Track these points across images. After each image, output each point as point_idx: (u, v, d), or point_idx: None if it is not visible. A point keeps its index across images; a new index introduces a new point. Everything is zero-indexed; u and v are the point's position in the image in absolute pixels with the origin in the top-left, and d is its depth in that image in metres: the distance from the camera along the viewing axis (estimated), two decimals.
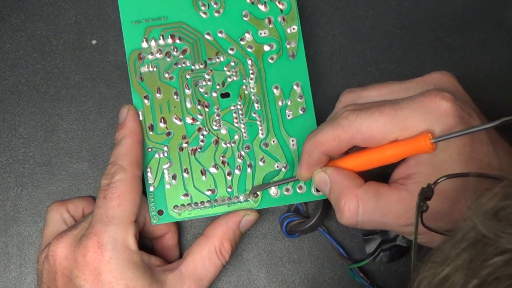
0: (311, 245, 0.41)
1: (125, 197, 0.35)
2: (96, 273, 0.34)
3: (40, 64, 0.41)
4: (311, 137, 0.34)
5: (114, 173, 0.36)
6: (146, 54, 0.38)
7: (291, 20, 0.38)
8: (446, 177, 0.28)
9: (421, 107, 0.32)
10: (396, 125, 0.32)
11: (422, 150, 0.31)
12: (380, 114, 0.32)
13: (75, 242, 0.35)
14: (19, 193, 0.41)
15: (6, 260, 0.40)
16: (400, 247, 0.39)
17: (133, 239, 0.35)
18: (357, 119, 0.32)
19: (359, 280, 0.40)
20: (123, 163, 0.36)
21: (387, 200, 0.32)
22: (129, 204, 0.35)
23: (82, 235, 0.35)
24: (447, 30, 0.42)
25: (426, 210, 0.27)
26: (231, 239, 0.37)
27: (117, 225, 0.35)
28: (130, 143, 0.37)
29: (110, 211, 0.35)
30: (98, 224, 0.35)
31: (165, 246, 0.39)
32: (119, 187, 0.35)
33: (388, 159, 0.33)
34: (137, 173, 0.36)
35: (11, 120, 0.41)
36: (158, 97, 0.38)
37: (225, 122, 0.38)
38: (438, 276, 0.21)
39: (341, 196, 0.33)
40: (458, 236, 0.21)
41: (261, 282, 0.41)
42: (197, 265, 0.37)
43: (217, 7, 0.38)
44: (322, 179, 0.35)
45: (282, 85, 0.38)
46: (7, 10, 0.41)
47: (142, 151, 0.37)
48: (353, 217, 0.33)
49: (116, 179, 0.35)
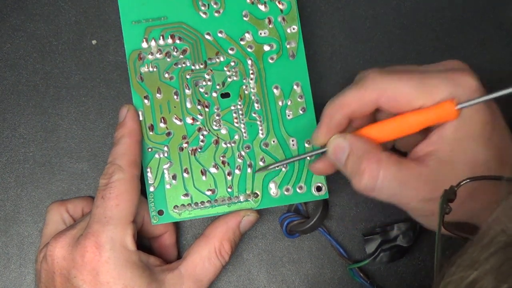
0: (311, 245, 0.41)
1: (123, 197, 0.35)
2: (94, 273, 0.34)
3: (40, 64, 0.41)
4: (333, 99, 0.33)
5: (112, 173, 0.36)
6: (146, 54, 0.38)
7: (291, 20, 0.38)
8: (470, 179, 0.28)
9: (451, 79, 0.32)
10: (423, 92, 0.31)
11: (446, 117, 0.31)
12: (409, 78, 0.32)
13: (73, 242, 0.35)
14: (19, 193, 0.41)
15: (6, 260, 0.40)
16: (400, 247, 0.39)
17: (131, 239, 0.35)
18: (384, 80, 0.32)
19: (359, 280, 0.40)
20: (121, 162, 0.36)
21: (408, 171, 0.32)
22: (127, 204, 0.35)
23: (80, 235, 0.35)
24: (447, 30, 0.42)
25: (449, 212, 0.27)
26: (231, 239, 0.37)
27: (115, 225, 0.35)
28: (129, 142, 0.36)
29: (108, 211, 0.35)
30: (96, 224, 0.35)
31: (163, 246, 0.39)
32: (117, 187, 0.35)
33: (411, 127, 0.32)
34: (135, 173, 0.36)
35: (11, 120, 0.41)
36: (158, 97, 0.38)
37: (225, 122, 0.38)
38: (465, 280, 0.20)
39: (363, 159, 0.32)
40: (486, 239, 0.21)
41: (261, 282, 0.41)
42: (196, 265, 0.37)
43: (217, 7, 0.38)
44: (340, 144, 0.33)
45: (282, 85, 0.38)
46: (7, 10, 0.41)
47: (140, 151, 0.37)
48: (373, 181, 0.31)
49: (114, 179, 0.35)
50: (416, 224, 0.39)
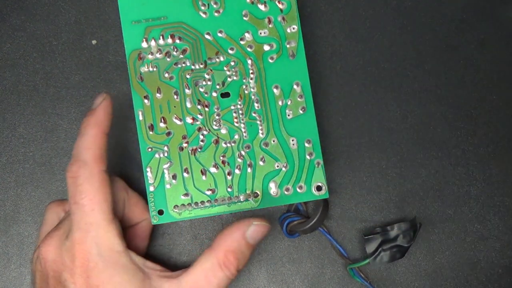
0: (311, 245, 0.41)
1: (96, 199, 0.34)
2: (85, 276, 0.33)
3: (40, 64, 0.41)
4: None
5: (78, 171, 0.34)
6: (146, 54, 0.38)
7: (291, 20, 0.38)
8: None
9: None
10: None
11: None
12: None
13: (62, 245, 0.34)
14: (19, 193, 0.41)
15: (6, 260, 0.40)
16: (400, 247, 0.39)
17: (117, 238, 0.34)
18: None
19: (359, 280, 0.40)
20: (86, 157, 0.34)
21: None
22: (102, 204, 0.34)
23: (66, 236, 0.34)
24: (447, 30, 0.42)
25: None
26: (236, 251, 0.35)
27: (97, 230, 0.34)
28: (94, 134, 0.35)
29: (86, 217, 0.34)
30: (78, 232, 0.34)
31: (136, 235, 0.38)
32: (88, 190, 0.34)
33: None
34: (102, 168, 0.34)
35: (11, 120, 0.41)
36: (158, 97, 0.38)
37: (225, 122, 0.38)
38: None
39: None
40: None
41: (261, 282, 0.41)
42: (198, 278, 0.35)
43: (217, 7, 0.38)
44: None
45: (282, 84, 0.38)
46: (7, 10, 0.41)
47: (106, 143, 0.35)
48: None
49: (82, 180, 0.34)
50: (417, 224, 0.39)
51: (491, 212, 0.41)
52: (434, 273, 0.41)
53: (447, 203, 0.41)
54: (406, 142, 0.41)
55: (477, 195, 0.41)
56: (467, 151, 0.41)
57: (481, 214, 0.41)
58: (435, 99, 0.41)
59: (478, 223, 0.41)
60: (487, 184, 0.41)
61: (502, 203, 0.41)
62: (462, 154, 0.41)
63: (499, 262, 0.41)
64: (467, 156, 0.41)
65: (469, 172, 0.41)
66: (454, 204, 0.41)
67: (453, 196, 0.41)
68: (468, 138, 0.41)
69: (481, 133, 0.41)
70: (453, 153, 0.41)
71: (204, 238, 0.41)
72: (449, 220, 0.41)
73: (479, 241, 0.41)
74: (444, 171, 0.41)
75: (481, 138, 0.41)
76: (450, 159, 0.41)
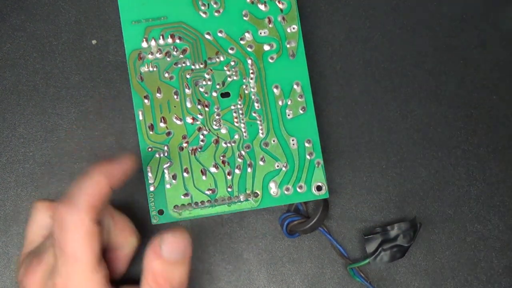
0: (311, 245, 0.41)
1: (81, 249, 0.31)
2: None
3: (40, 64, 0.41)
4: None
5: (66, 214, 0.31)
6: (146, 54, 0.38)
7: (291, 20, 0.38)
8: None
9: None
10: None
11: None
12: None
13: (45, 284, 0.32)
14: (19, 193, 0.40)
15: (6, 260, 0.40)
16: (401, 246, 0.39)
17: (99, 286, 0.32)
18: None
19: (359, 280, 0.40)
20: (80, 202, 0.31)
21: None
22: (88, 255, 0.31)
23: (49, 274, 0.32)
24: (447, 30, 0.42)
25: None
26: (160, 272, 0.32)
27: (79, 279, 0.31)
28: (99, 182, 0.31)
29: (69, 266, 0.31)
30: (60, 278, 0.31)
31: (118, 258, 0.36)
32: (73, 239, 0.31)
33: None
34: (93, 217, 0.31)
35: (11, 120, 0.41)
36: (158, 97, 0.38)
37: (225, 122, 0.38)
38: None
39: None
40: None
41: (261, 282, 0.41)
42: None
43: (217, 7, 0.38)
44: None
45: (282, 84, 0.38)
46: (7, 10, 0.41)
47: (107, 198, 0.32)
48: None
49: (69, 225, 0.31)
50: (417, 224, 0.39)
51: (491, 212, 0.41)
52: (434, 273, 0.41)
53: (447, 203, 0.41)
54: (406, 142, 0.41)
55: (477, 195, 0.41)
56: (467, 151, 0.41)
57: (481, 214, 0.41)
58: (435, 99, 0.41)
59: (478, 223, 0.41)
60: (487, 184, 0.41)
61: (502, 203, 0.41)
62: (462, 154, 0.41)
63: (499, 262, 0.41)
64: (467, 156, 0.41)
65: (469, 172, 0.41)
66: (454, 204, 0.41)
67: (453, 196, 0.41)
68: (468, 138, 0.41)
69: (481, 133, 0.41)
70: (453, 153, 0.41)
71: (204, 238, 0.41)
72: (449, 220, 0.41)
73: (479, 241, 0.41)
74: (444, 171, 0.41)
75: (481, 138, 0.41)
76: (450, 159, 0.41)
